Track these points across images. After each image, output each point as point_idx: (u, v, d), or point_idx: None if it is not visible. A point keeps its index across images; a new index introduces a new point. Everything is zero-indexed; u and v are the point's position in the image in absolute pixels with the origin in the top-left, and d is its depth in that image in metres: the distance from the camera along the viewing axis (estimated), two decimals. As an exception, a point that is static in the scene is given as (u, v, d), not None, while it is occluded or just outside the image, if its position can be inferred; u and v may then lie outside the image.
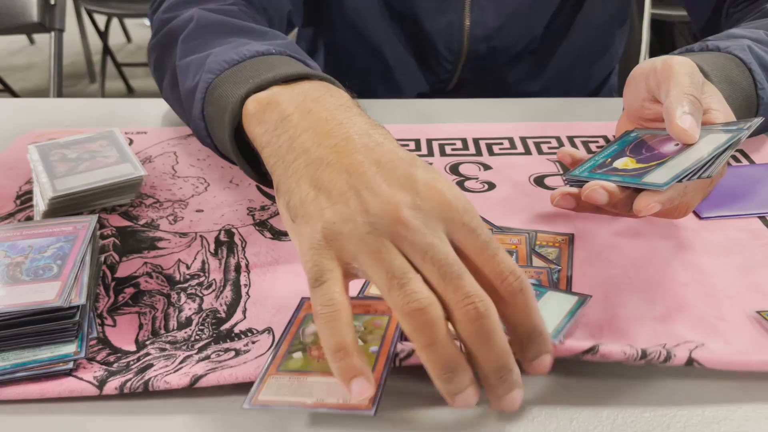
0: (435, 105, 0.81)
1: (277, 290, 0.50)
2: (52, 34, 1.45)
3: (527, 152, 0.69)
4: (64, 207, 0.57)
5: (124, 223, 0.58)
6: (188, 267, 0.52)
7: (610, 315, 0.47)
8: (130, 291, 0.50)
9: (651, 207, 0.46)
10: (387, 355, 0.41)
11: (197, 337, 0.46)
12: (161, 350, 0.44)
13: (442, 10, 0.84)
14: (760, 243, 0.55)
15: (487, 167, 0.67)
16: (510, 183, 0.64)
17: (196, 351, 0.44)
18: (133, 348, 0.45)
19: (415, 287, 0.36)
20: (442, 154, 0.69)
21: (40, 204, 0.57)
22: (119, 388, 0.41)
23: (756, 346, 0.44)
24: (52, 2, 1.44)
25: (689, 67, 0.53)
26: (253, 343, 0.45)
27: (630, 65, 1.17)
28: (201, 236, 0.56)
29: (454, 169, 0.66)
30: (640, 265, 0.52)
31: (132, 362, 0.43)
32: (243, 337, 0.45)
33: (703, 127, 0.50)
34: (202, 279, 0.51)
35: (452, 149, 0.70)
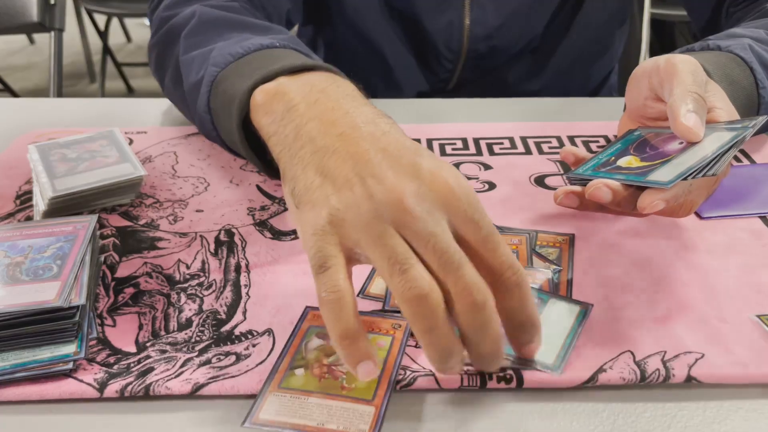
0: (435, 105, 0.81)
1: (278, 290, 0.50)
2: (52, 33, 1.45)
3: (528, 152, 0.69)
4: (64, 207, 0.57)
5: (124, 223, 0.58)
6: (188, 267, 0.52)
7: (610, 316, 0.47)
8: (130, 291, 0.50)
9: (655, 204, 0.46)
10: (389, 381, 0.41)
11: (198, 338, 0.46)
12: (162, 352, 0.44)
13: (442, 9, 0.83)
14: (761, 243, 0.55)
15: (487, 167, 0.67)
16: (510, 183, 0.64)
17: (196, 353, 0.44)
18: (133, 349, 0.45)
19: (416, 273, 0.37)
20: (443, 153, 0.69)
21: (40, 204, 0.57)
22: (120, 392, 0.41)
23: (756, 355, 0.44)
24: (52, 2, 1.44)
25: (692, 65, 0.52)
26: (254, 346, 0.45)
27: (630, 65, 1.17)
28: (201, 236, 0.56)
29: (454, 168, 0.66)
30: (640, 265, 0.52)
31: (132, 364, 0.43)
32: (243, 339, 0.45)
33: (707, 126, 0.49)
34: (202, 279, 0.51)
35: (452, 149, 0.70)
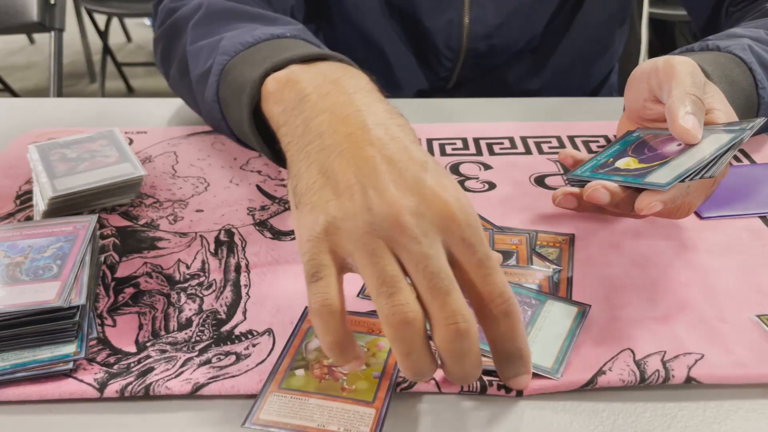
0: (435, 104, 0.81)
1: (277, 290, 0.50)
2: (52, 33, 1.45)
3: (528, 152, 0.69)
4: (64, 207, 0.57)
5: (124, 222, 0.58)
6: (188, 267, 0.52)
7: (610, 316, 0.47)
8: (130, 291, 0.50)
9: (653, 206, 0.46)
10: (389, 383, 0.41)
11: (198, 338, 0.46)
12: (162, 352, 0.44)
13: (441, 8, 0.84)
14: (761, 243, 0.55)
15: (487, 167, 0.67)
16: (510, 183, 0.64)
17: (196, 353, 0.44)
18: (133, 349, 0.45)
19: (402, 299, 0.36)
20: (443, 153, 0.69)
21: (40, 204, 0.57)
22: (120, 392, 0.41)
23: (756, 355, 0.44)
24: (52, 2, 1.44)
25: (691, 66, 0.52)
26: (254, 346, 0.45)
27: (630, 64, 1.17)
28: (201, 236, 0.56)
29: (454, 168, 0.66)
30: (640, 265, 0.52)
31: (132, 364, 0.43)
32: (243, 339, 0.45)
33: (705, 127, 0.50)
34: (202, 279, 0.51)
35: (452, 149, 0.70)
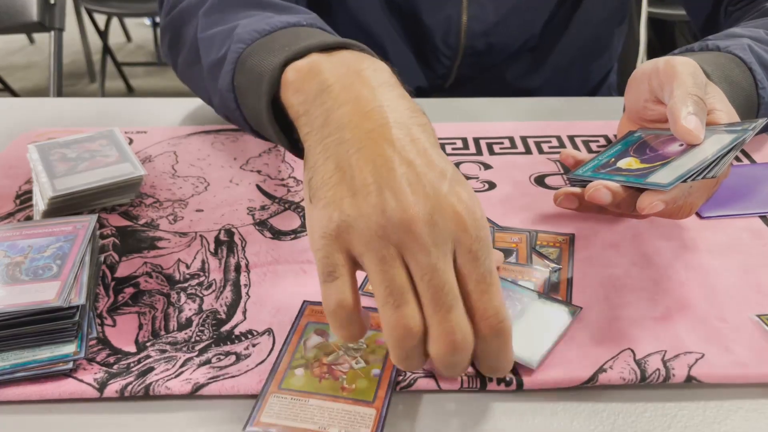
0: (435, 104, 0.81)
1: (277, 290, 0.50)
2: (52, 33, 1.44)
3: (528, 152, 0.69)
4: (63, 207, 0.57)
5: (124, 222, 0.58)
6: (188, 267, 0.52)
7: (610, 315, 0.47)
8: (129, 291, 0.50)
9: (654, 205, 0.46)
10: (389, 382, 0.41)
11: (197, 338, 0.46)
12: (162, 352, 0.44)
13: (440, 5, 0.84)
14: (761, 242, 0.55)
15: (487, 167, 0.67)
16: (510, 182, 0.64)
17: (196, 353, 0.44)
18: (133, 349, 0.45)
19: (407, 312, 0.37)
20: (443, 153, 0.69)
21: (40, 203, 0.57)
22: (120, 392, 0.41)
23: (756, 354, 0.44)
24: (52, 1, 1.44)
25: (692, 67, 0.52)
26: (254, 346, 0.45)
27: (629, 64, 1.17)
28: (201, 236, 0.56)
29: (454, 168, 0.66)
30: (640, 265, 0.52)
31: (132, 364, 0.43)
32: (243, 339, 0.45)
33: (707, 128, 0.49)
34: (202, 279, 0.51)
35: (452, 149, 0.70)
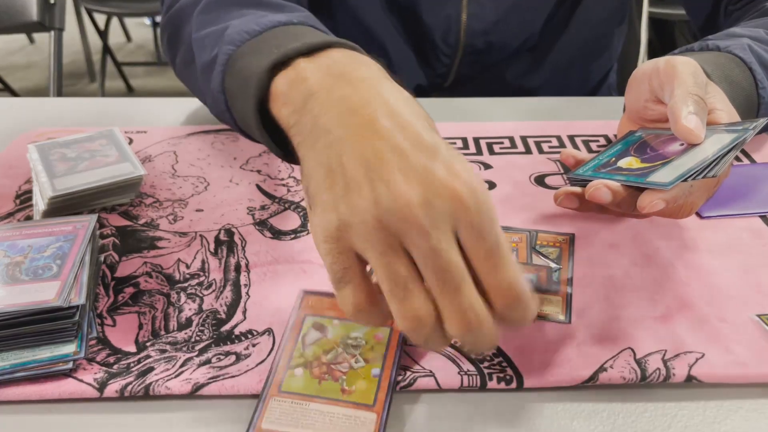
0: (435, 104, 0.81)
1: (277, 290, 0.50)
2: (52, 33, 1.44)
3: (528, 151, 0.69)
4: (63, 206, 0.57)
5: (124, 222, 0.58)
6: (188, 266, 0.52)
7: (611, 315, 0.47)
8: (129, 291, 0.50)
9: (655, 204, 0.46)
10: (388, 383, 0.41)
11: (197, 338, 0.46)
12: (161, 352, 0.44)
13: (440, 3, 0.84)
14: (761, 242, 0.55)
15: (487, 166, 0.67)
16: (511, 182, 0.64)
17: (196, 353, 0.44)
18: (133, 349, 0.45)
19: (414, 302, 0.36)
20: (443, 153, 0.69)
21: (40, 203, 0.57)
22: (120, 392, 0.41)
23: (756, 354, 0.44)
24: (52, 1, 1.44)
25: (693, 67, 0.52)
26: (254, 346, 0.45)
27: (629, 64, 1.17)
28: (201, 236, 0.56)
29: (454, 168, 0.66)
30: (640, 264, 0.52)
31: (132, 364, 0.43)
32: (243, 339, 0.45)
33: (707, 128, 0.49)
34: (201, 279, 0.51)
35: (452, 148, 0.70)
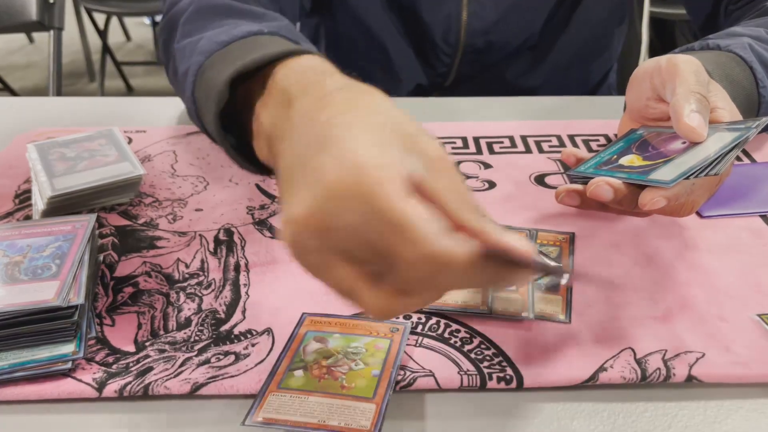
0: (435, 103, 0.81)
1: (277, 290, 0.50)
2: (52, 32, 1.44)
3: (528, 151, 0.69)
4: (62, 206, 0.57)
5: (123, 222, 0.58)
6: (187, 266, 0.52)
7: (611, 315, 0.47)
8: (129, 290, 0.50)
9: (656, 201, 0.46)
10: (388, 380, 0.41)
11: (197, 338, 0.45)
12: (161, 351, 0.44)
13: (440, 2, 0.84)
14: (761, 242, 0.55)
15: (487, 166, 0.66)
16: (511, 182, 0.64)
17: (195, 353, 0.44)
18: (132, 349, 0.44)
19: (367, 300, 0.35)
20: (442, 152, 0.69)
21: (39, 203, 0.57)
22: (119, 392, 0.41)
23: (756, 354, 0.44)
24: (51, 1, 1.43)
25: (695, 65, 0.52)
26: (253, 345, 0.45)
27: (629, 64, 1.16)
28: (200, 235, 0.56)
29: (454, 167, 0.66)
30: (641, 264, 0.52)
31: (131, 364, 0.43)
32: (242, 339, 0.45)
33: (709, 126, 0.49)
34: (201, 278, 0.51)
35: (452, 148, 0.70)
